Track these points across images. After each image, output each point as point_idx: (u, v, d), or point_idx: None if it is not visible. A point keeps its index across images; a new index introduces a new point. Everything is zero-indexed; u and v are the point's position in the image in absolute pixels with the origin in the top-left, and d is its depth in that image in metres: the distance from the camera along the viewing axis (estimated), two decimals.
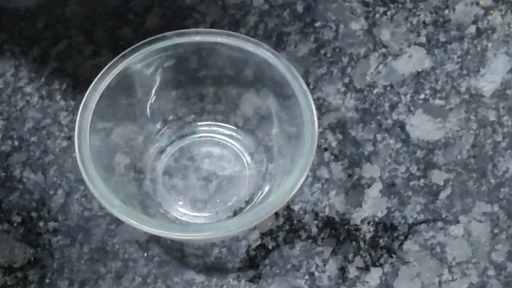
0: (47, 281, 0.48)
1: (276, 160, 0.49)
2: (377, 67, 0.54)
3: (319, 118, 0.43)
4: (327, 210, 0.50)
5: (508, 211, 0.51)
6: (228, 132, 0.52)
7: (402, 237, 0.50)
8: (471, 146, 0.52)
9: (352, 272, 0.49)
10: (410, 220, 0.50)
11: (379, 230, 0.50)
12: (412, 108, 0.53)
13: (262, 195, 0.48)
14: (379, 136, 0.52)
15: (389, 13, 0.55)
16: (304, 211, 0.50)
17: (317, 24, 0.55)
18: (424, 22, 0.55)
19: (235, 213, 0.50)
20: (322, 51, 0.54)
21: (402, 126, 0.53)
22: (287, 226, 0.50)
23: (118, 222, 0.49)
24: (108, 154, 0.46)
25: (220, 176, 0.51)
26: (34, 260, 0.49)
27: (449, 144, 0.52)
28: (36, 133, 0.52)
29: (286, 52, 0.54)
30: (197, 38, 0.44)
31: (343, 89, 0.53)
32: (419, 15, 0.55)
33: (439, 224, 0.50)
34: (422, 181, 0.51)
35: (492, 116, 0.53)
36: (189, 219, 0.49)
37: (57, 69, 0.54)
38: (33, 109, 0.53)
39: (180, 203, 0.50)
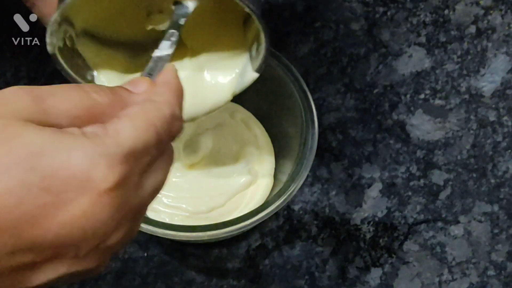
0: None
1: (276, 160, 0.49)
2: (377, 67, 0.54)
3: (319, 118, 0.43)
4: (327, 210, 0.50)
5: (508, 211, 0.51)
6: None
7: (402, 237, 0.50)
8: (471, 146, 0.52)
9: (352, 272, 0.49)
10: (410, 220, 0.50)
11: (379, 230, 0.50)
12: (412, 108, 0.53)
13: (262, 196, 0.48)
14: (379, 136, 0.52)
15: (389, 13, 0.55)
16: (304, 211, 0.50)
17: (317, 24, 0.55)
18: (424, 22, 0.55)
19: None
20: (322, 51, 0.54)
21: (402, 126, 0.53)
22: (287, 226, 0.50)
23: None
24: None
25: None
26: None
27: (449, 144, 0.52)
28: None
29: (286, 52, 0.54)
30: None
31: (343, 89, 0.53)
32: (419, 15, 0.55)
33: (439, 224, 0.50)
34: (422, 181, 0.51)
35: (492, 116, 0.53)
36: None
37: (57, 69, 0.54)
38: None
39: None
